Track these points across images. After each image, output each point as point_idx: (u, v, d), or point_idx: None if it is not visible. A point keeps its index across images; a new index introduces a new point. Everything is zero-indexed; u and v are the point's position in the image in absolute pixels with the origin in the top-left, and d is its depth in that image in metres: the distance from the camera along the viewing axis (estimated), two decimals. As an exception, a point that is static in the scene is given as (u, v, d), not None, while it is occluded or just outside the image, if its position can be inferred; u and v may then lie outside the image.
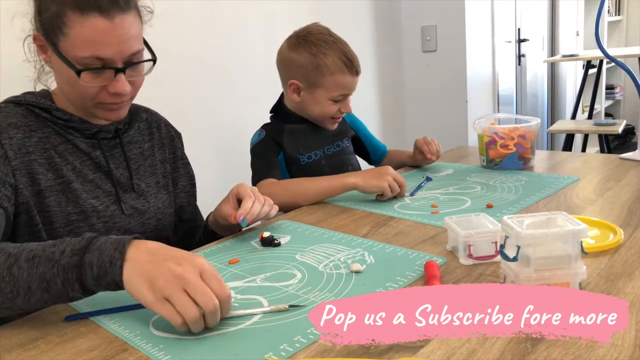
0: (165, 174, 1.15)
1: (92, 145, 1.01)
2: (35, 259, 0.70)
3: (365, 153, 1.63)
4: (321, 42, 1.34)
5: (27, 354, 0.67)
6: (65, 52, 0.89)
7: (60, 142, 0.98)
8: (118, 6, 0.88)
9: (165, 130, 1.17)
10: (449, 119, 2.77)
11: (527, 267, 0.67)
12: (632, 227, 0.93)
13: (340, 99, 1.38)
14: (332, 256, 0.91)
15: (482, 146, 1.44)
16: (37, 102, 0.97)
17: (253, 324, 0.70)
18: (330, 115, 1.40)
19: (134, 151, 1.09)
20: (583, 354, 0.58)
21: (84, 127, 1.00)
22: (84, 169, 1.00)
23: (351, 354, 0.62)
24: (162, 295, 0.66)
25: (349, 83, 1.37)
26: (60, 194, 0.96)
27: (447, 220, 0.90)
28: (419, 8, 2.74)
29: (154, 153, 1.13)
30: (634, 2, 5.08)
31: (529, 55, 3.81)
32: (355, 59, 1.36)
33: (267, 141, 1.40)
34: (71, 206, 0.96)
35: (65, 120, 0.98)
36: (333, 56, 1.33)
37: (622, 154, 1.45)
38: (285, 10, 2.15)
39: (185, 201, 1.19)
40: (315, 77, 1.34)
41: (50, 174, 0.95)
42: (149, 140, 1.13)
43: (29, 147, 0.93)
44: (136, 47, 0.93)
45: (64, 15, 0.87)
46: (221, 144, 1.98)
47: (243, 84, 2.02)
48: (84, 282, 0.69)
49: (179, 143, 1.20)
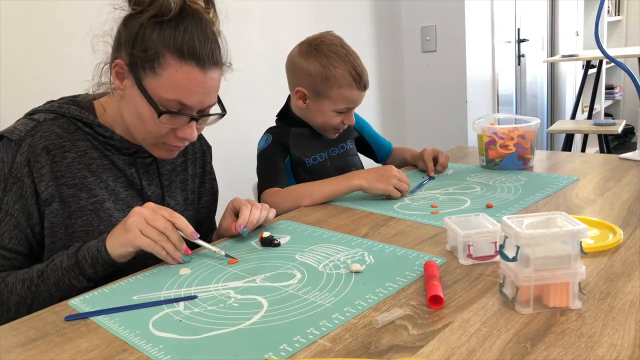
0: (194, 189, 1.15)
1: (128, 162, 1.03)
2: (44, 274, 0.88)
3: (371, 152, 1.63)
4: (332, 54, 1.33)
5: (27, 354, 0.67)
6: (150, 90, 0.91)
7: (97, 156, 0.99)
8: (214, 61, 0.93)
9: (198, 144, 1.17)
10: (448, 119, 2.78)
11: (527, 267, 0.67)
12: (632, 227, 0.93)
13: (345, 111, 1.38)
14: (331, 256, 0.91)
15: (482, 146, 1.44)
16: (80, 117, 0.98)
17: (253, 324, 0.70)
18: (333, 127, 1.40)
19: (167, 167, 1.10)
20: (583, 354, 0.58)
21: (123, 146, 1.01)
22: (117, 187, 1.01)
23: (351, 354, 0.62)
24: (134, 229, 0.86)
25: (356, 97, 1.36)
26: (92, 213, 0.97)
27: (447, 220, 0.90)
28: (419, 8, 2.74)
29: (186, 168, 1.13)
30: (634, 2, 5.09)
31: (528, 55, 3.82)
32: (364, 74, 1.35)
33: (274, 146, 1.40)
34: (103, 225, 0.97)
35: (106, 137, 0.99)
36: (343, 69, 1.32)
37: (622, 154, 1.45)
38: (285, 10, 2.15)
39: (206, 216, 1.20)
40: (322, 88, 1.34)
41: (83, 193, 0.96)
42: (183, 155, 1.13)
43: (57, 172, 0.94)
44: (214, 100, 0.97)
45: (162, 56, 0.89)
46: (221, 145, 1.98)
47: (243, 84, 2.02)
48: (85, 273, 0.88)
49: (209, 157, 1.20)
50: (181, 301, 0.78)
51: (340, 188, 1.25)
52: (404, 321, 0.68)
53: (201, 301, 0.78)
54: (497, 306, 0.70)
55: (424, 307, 0.71)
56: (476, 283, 0.77)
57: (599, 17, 1.41)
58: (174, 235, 0.90)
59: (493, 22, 2.94)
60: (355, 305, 0.73)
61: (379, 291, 0.76)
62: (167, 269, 0.91)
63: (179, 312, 0.75)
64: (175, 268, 0.90)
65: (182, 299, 0.79)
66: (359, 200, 1.24)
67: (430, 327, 0.66)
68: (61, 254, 0.90)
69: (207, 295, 0.79)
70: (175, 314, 0.74)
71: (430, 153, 1.46)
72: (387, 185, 1.21)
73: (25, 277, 0.89)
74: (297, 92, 1.38)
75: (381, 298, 0.74)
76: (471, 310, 0.69)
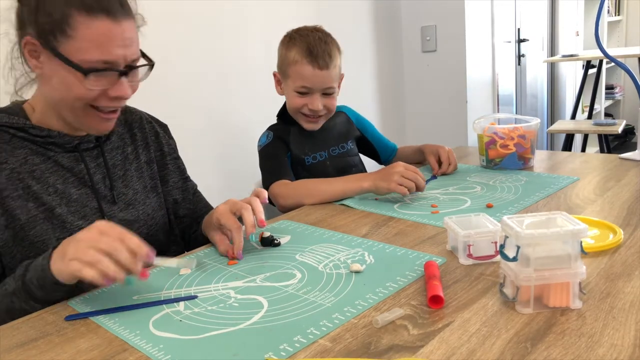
0: (153, 175, 1.11)
1: (74, 159, 0.98)
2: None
3: (374, 153, 1.61)
4: (297, 36, 1.36)
5: (27, 354, 0.67)
6: (69, 55, 0.87)
7: (40, 161, 0.95)
8: (124, 11, 0.89)
9: (148, 127, 1.13)
10: (449, 119, 2.77)
11: (527, 267, 0.67)
12: (632, 227, 0.93)
13: (306, 92, 1.35)
14: (332, 256, 0.91)
15: (482, 146, 1.44)
16: (11, 123, 0.93)
17: (253, 324, 0.70)
18: (297, 109, 1.38)
19: (118, 157, 1.06)
20: (583, 354, 0.58)
21: (64, 141, 0.97)
22: (67, 188, 0.96)
23: (351, 353, 0.62)
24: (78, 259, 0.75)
25: (309, 75, 1.33)
26: (45, 221, 0.93)
27: (447, 220, 0.90)
28: (419, 8, 2.74)
29: (138, 156, 1.09)
30: (634, 2, 5.08)
31: (528, 55, 3.82)
32: (318, 51, 1.32)
33: (276, 142, 1.40)
34: (58, 232, 0.93)
35: (44, 137, 0.95)
36: (298, 46, 1.33)
37: (622, 154, 1.45)
38: (285, 10, 2.15)
39: (180, 197, 1.16)
40: (284, 67, 1.37)
41: (30, 203, 0.92)
42: (132, 143, 1.09)
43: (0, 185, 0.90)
44: (137, 52, 0.93)
45: (69, 17, 0.85)
46: (221, 144, 1.98)
47: (243, 84, 2.02)
48: (35, 296, 0.81)
49: (166, 136, 1.16)
50: (181, 301, 0.78)
51: (351, 188, 1.24)
52: (404, 321, 0.68)
53: (201, 301, 0.78)
54: (497, 306, 0.70)
55: (424, 307, 0.71)
56: (476, 283, 0.77)
57: (599, 17, 1.41)
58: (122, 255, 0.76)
59: (493, 22, 2.94)
60: (356, 305, 0.73)
61: (379, 291, 0.76)
62: (167, 269, 0.91)
63: (179, 312, 0.75)
64: (175, 268, 0.90)
65: (182, 299, 0.79)
66: (359, 200, 1.24)
67: (430, 327, 0.66)
68: (11, 277, 0.84)
69: (207, 295, 0.79)
70: (176, 313, 0.74)
71: (431, 152, 1.46)
72: (389, 183, 1.18)
73: None
74: (274, 76, 1.43)
75: (381, 298, 0.74)
76: (471, 310, 0.69)
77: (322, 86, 1.35)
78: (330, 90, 1.37)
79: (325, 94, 1.37)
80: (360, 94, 2.59)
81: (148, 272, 0.81)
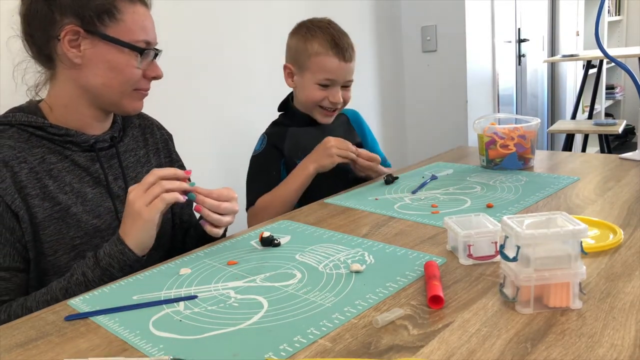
0: None
1: (90, 158, 1.01)
2: (69, 291, 0.86)
3: None
4: (315, 28, 1.35)
5: (27, 354, 0.67)
6: (119, 37, 0.94)
7: (56, 160, 0.96)
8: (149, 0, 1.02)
9: (159, 134, 1.17)
10: (449, 119, 2.77)
11: (527, 267, 0.67)
12: (632, 227, 0.93)
13: (328, 85, 1.36)
14: (332, 256, 0.91)
15: (482, 146, 1.44)
16: (29, 121, 0.95)
17: (253, 324, 0.70)
18: (316, 102, 1.38)
19: (131, 159, 1.09)
20: (583, 354, 0.58)
21: (81, 140, 0.99)
22: (82, 187, 0.98)
23: (351, 354, 0.62)
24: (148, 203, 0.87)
25: (335, 67, 1.33)
26: (59, 221, 0.94)
27: (447, 220, 0.90)
28: (419, 8, 2.74)
29: (149, 160, 1.13)
30: (634, 2, 5.08)
31: (529, 55, 3.81)
32: (345, 45, 1.34)
33: (269, 151, 1.39)
34: (73, 231, 0.95)
35: (62, 135, 0.97)
36: (321, 38, 1.33)
37: (622, 154, 1.45)
38: (285, 10, 2.15)
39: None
40: (303, 60, 1.35)
41: (46, 203, 0.93)
42: (144, 147, 1.13)
43: (19, 184, 0.91)
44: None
45: (117, 2, 0.94)
46: (221, 143, 1.98)
47: (243, 83, 2.02)
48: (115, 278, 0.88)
49: (172, 145, 1.20)
50: (181, 301, 0.78)
51: (302, 179, 1.29)
52: (404, 321, 0.68)
53: (201, 301, 0.78)
54: (497, 306, 0.70)
55: (424, 307, 0.71)
56: (476, 283, 0.77)
57: (599, 17, 1.41)
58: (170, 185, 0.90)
59: (493, 22, 2.94)
60: (356, 305, 0.73)
61: (379, 291, 0.76)
62: (167, 269, 0.91)
63: (179, 312, 0.75)
64: (175, 268, 0.90)
65: (182, 299, 0.78)
66: (359, 200, 1.24)
67: (430, 327, 0.66)
68: (76, 269, 0.88)
69: (207, 295, 0.79)
70: (176, 313, 0.74)
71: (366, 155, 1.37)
72: (331, 158, 1.26)
73: (49, 298, 0.86)
74: (285, 69, 1.40)
75: (381, 298, 0.74)
76: (471, 310, 0.69)
77: (345, 78, 1.37)
78: (349, 83, 1.39)
79: (344, 86, 1.38)
80: (360, 93, 2.59)
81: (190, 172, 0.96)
